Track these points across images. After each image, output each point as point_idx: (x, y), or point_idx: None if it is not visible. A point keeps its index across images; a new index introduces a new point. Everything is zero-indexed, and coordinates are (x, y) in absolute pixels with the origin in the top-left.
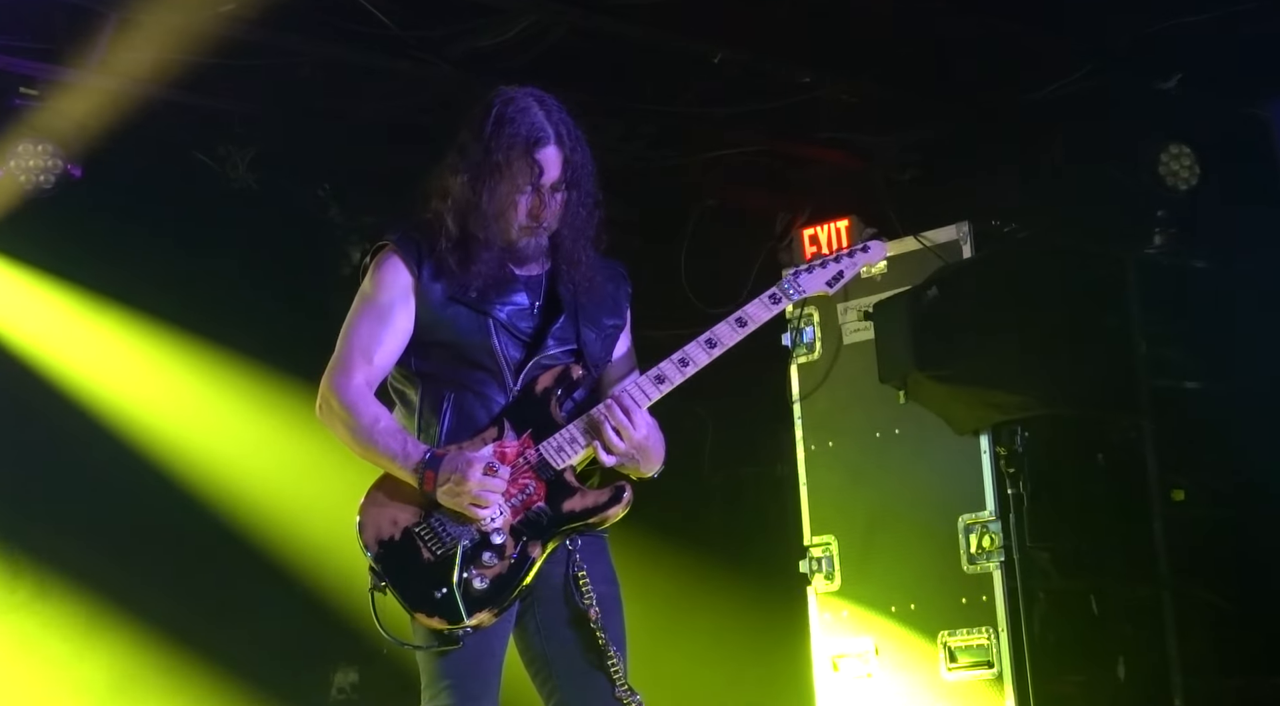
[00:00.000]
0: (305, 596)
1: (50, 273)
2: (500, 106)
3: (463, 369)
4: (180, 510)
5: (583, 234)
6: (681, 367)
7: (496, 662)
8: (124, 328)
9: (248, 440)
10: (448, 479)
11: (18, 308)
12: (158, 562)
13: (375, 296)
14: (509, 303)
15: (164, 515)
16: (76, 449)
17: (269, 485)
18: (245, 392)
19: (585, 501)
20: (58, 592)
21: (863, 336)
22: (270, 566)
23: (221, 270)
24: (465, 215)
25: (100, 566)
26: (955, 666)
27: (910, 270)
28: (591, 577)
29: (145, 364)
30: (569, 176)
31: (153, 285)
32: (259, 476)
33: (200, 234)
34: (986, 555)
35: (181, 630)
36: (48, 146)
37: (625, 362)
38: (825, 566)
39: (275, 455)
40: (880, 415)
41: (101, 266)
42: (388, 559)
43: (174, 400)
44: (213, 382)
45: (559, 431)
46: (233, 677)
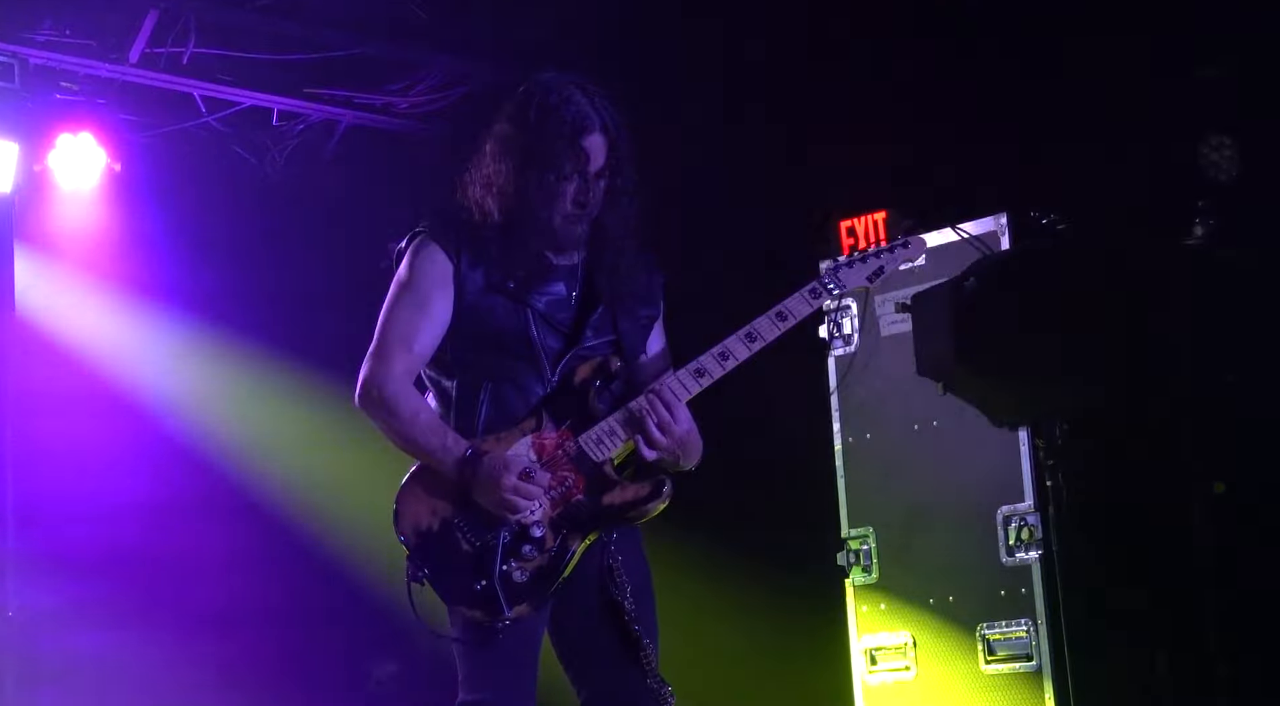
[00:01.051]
0: (345, 587)
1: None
2: (542, 94)
3: (500, 358)
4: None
5: (625, 222)
6: (721, 361)
7: (533, 653)
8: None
9: (292, 432)
10: (484, 480)
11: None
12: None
13: (413, 284)
14: (547, 292)
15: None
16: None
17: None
18: (286, 385)
19: (625, 495)
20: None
21: (901, 328)
22: (310, 557)
23: (257, 263)
24: (509, 203)
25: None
26: (994, 659)
27: (948, 262)
28: (625, 568)
29: (184, 358)
30: (613, 164)
31: (192, 277)
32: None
33: (238, 227)
34: (1025, 547)
35: (220, 619)
36: (88, 141)
37: (660, 354)
38: (863, 559)
39: (318, 447)
40: (918, 407)
41: (140, 260)
42: (426, 550)
43: (217, 392)
44: (253, 374)
45: (598, 424)
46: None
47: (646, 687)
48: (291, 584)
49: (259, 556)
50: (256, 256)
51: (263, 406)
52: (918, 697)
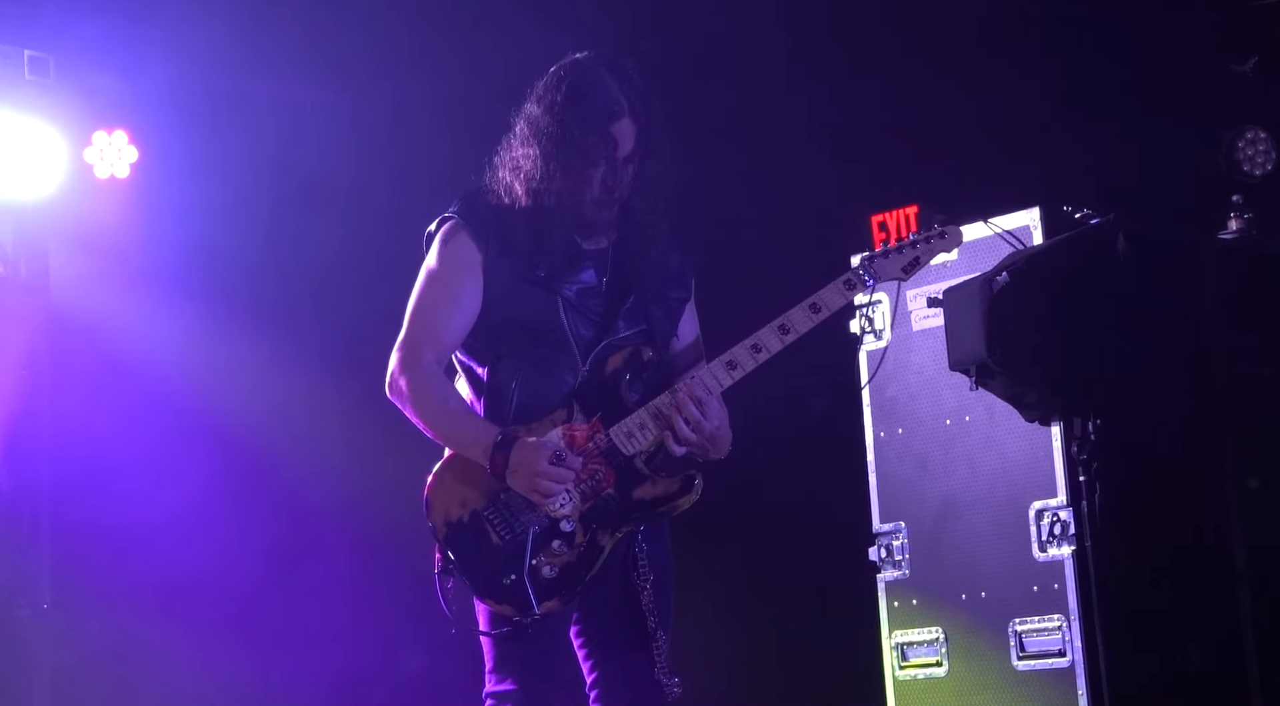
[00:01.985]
0: (373, 578)
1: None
2: (573, 77)
3: (531, 347)
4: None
5: (655, 205)
6: (754, 353)
7: (562, 647)
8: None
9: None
10: (517, 463)
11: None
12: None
13: (442, 273)
14: (577, 280)
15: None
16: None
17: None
18: (318, 381)
19: (656, 490)
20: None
21: (932, 323)
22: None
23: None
24: (537, 188)
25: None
26: (1026, 656)
27: (980, 256)
28: (650, 558)
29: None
30: (642, 148)
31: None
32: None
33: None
34: (1058, 542)
35: (252, 613)
36: (122, 133)
37: (691, 336)
38: (894, 554)
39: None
40: (950, 402)
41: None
42: (456, 541)
43: (244, 388)
44: (288, 364)
45: (629, 416)
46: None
47: (654, 677)
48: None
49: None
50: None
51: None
52: (949, 694)
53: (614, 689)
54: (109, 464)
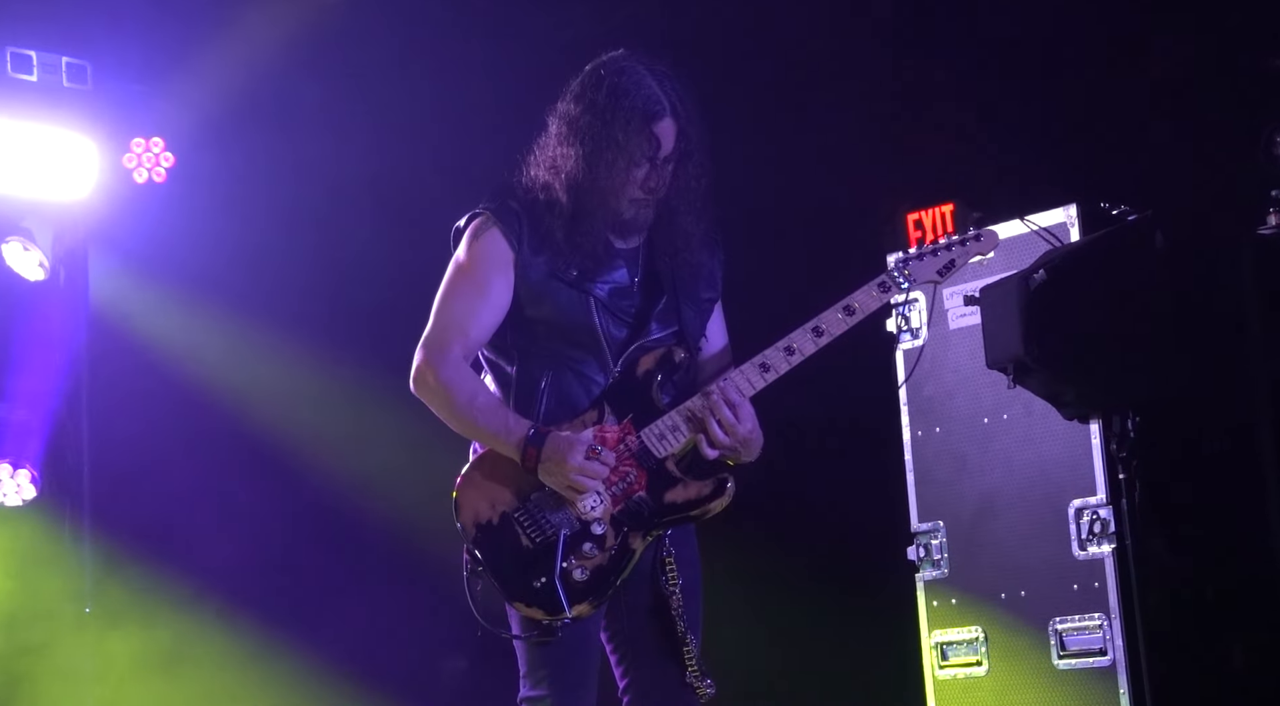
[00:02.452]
0: (414, 582)
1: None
2: (612, 77)
3: (562, 346)
4: (291, 496)
5: (692, 204)
6: (788, 356)
7: (594, 651)
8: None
9: (354, 429)
10: (550, 457)
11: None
12: (268, 548)
13: (472, 269)
14: (609, 280)
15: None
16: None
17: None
18: (352, 382)
19: (688, 493)
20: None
21: (969, 321)
22: (379, 552)
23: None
24: (575, 188)
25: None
26: (1067, 654)
27: (1017, 254)
28: (677, 561)
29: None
30: (682, 147)
31: (261, 277)
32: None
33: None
34: (1098, 540)
35: (290, 615)
36: (159, 140)
37: (719, 339)
38: (933, 553)
39: (383, 441)
40: (987, 400)
41: (211, 258)
42: (486, 543)
43: (280, 390)
44: (319, 372)
45: (660, 418)
46: (342, 663)
47: (685, 681)
48: (360, 577)
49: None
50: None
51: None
52: (989, 693)
53: (646, 694)
54: (148, 466)
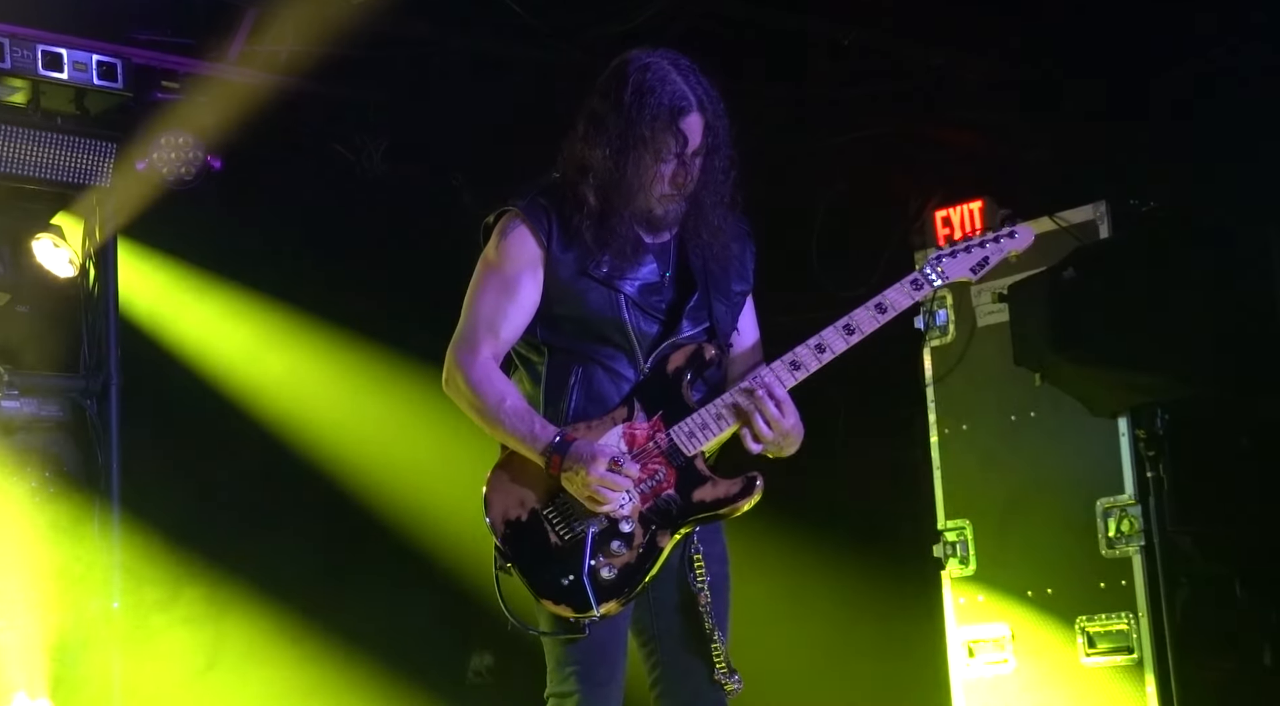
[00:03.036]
0: (443, 579)
1: (190, 262)
2: (638, 74)
3: (592, 343)
4: (320, 493)
5: (721, 197)
6: (819, 354)
7: (622, 647)
8: (264, 316)
9: (384, 425)
10: (573, 466)
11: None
12: (298, 545)
13: (501, 267)
14: (638, 276)
15: (304, 499)
16: (215, 433)
17: (410, 468)
18: (381, 380)
19: (716, 492)
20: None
21: (998, 318)
22: (409, 549)
23: (356, 259)
24: (604, 185)
25: (240, 548)
26: (1094, 652)
27: (1046, 251)
28: (706, 559)
29: (282, 351)
30: (709, 142)
31: (290, 274)
32: (399, 459)
33: (335, 223)
34: (1126, 539)
35: (321, 611)
36: (188, 139)
37: (751, 333)
38: (960, 551)
39: (413, 439)
40: (1015, 398)
41: (240, 255)
42: (515, 541)
43: (311, 387)
44: (348, 370)
45: (691, 416)
46: (371, 659)
47: (714, 679)
48: (389, 575)
49: (356, 548)
50: (354, 251)
51: (358, 398)
52: (1016, 690)
53: (674, 691)
54: (177, 461)
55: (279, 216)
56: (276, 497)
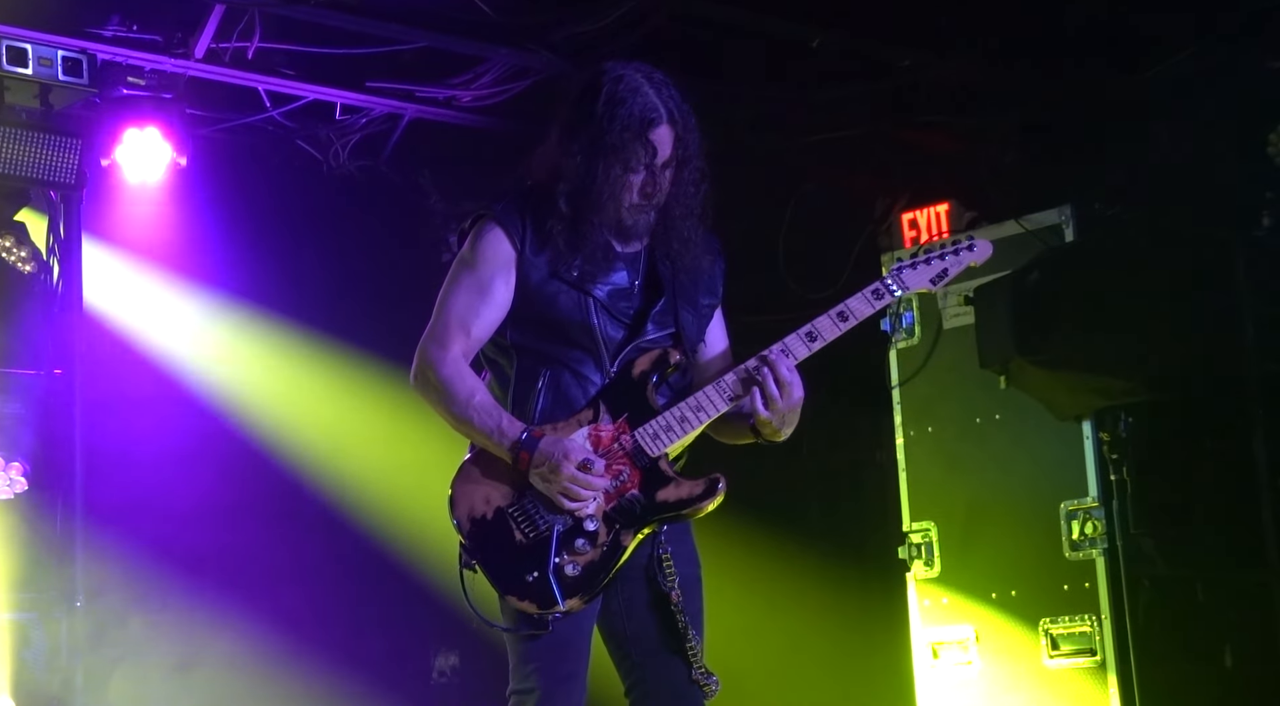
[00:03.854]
0: (408, 578)
1: (154, 259)
2: (610, 84)
3: (560, 346)
4: (283, 494)
5: (691, 210)
6: (809, 342)
7: (585, 646)
8: (228, 314)
9: (348, 424)
10: (543, 463)
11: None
12: (260, 543)
13: (476, 267)
14: (609, 282)
15: (266, 498)
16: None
17: (374, 467)
18: (345, 377)
19: (680, 492)
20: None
21: (963, 321)
22: (374, 548)
23: (323, 256)
24: (575, 193)
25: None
26: (1057, 654)
27: (1012, 254)
28: (675, 559)
29: (246, 348)
30: (680, 153)
31: (255, 271)
32: (360, 460)
33: (301, 221)
34: (1089, 542)
35: (284, 610)
36: (154, 135)
37: (720, 344)
38: (925, 553)
39: (377, 437)
40: (981, 400)
41: (205, 252)
42: (480, 538)
43: (276, 385)
44: (312, 367)
45: (655, 418)
46: (336, 658)
47: (691, 678)
48: (354, 574)
49: (321, 548)
50: (320, 250)
51: (322, 399)
52: (980, 691)
53: (652, 691)
54: (140, 460)
55: (244, 214)
56: (239, 495)
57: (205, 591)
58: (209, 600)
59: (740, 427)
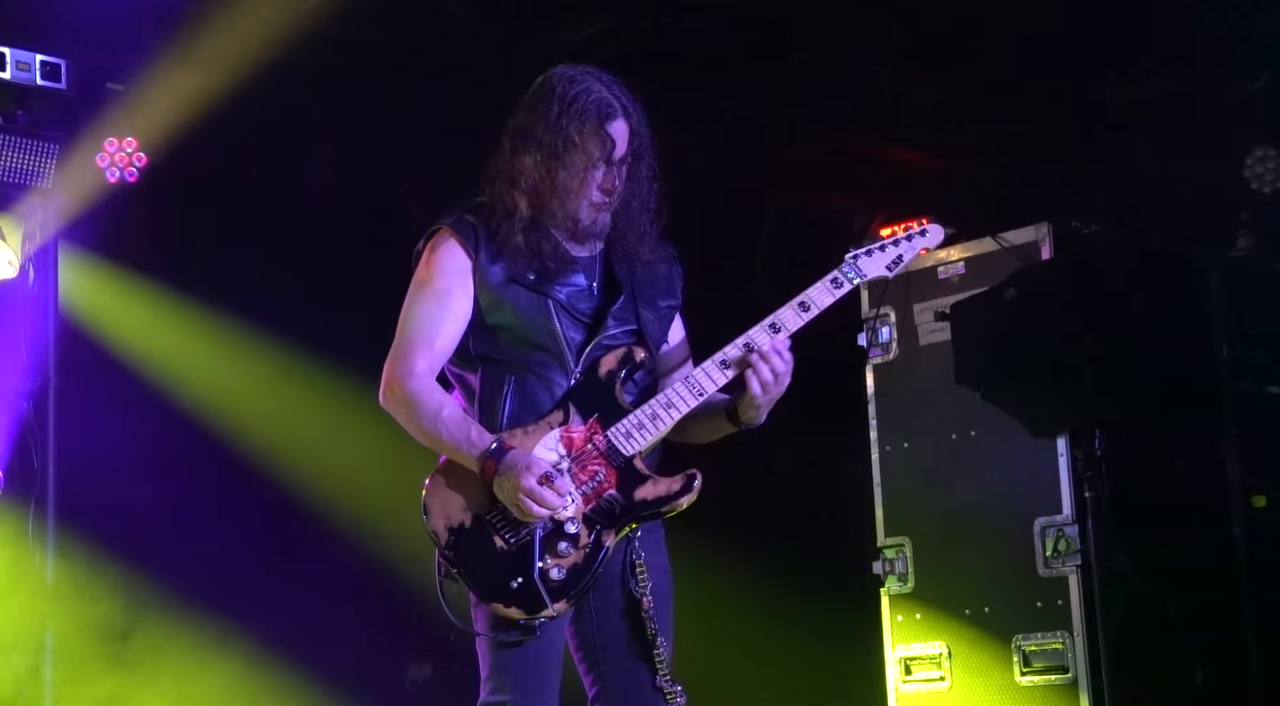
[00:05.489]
0: (381, 588)
1: (131, 265)
2: (563, 85)
3: (523, 350)
4: (257, 503)
5: (646, 205)
6: (748, 353)
7: (556, 657)
8: (206, 320)
9: (323, 432)
10: (505, 473)
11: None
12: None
13: (433, 280)
14: (568, 283)
15: (240, 507)
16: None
17: (348, 476)
18: (320, 387)
19: (658, 490)
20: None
21: (939, 337)
22: (346, 558)
23: (301, 264)
24: (537, 195)
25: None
26: (1029, 671)
27: (989, 271)
28: (648, 567)
29: (222, 357)
30: (635, 149)
31: (232, 279)
32: (338, 467)
33: (280, 229)
34: (1063, 559)
35: (257, 623)
36: (132, 141)
37: (680, 347)
38: (899, 568)
39: (352, 446)
40: (956, 416)
41: (182, 259)
42: (459, 547)
43: (248, 393)
44: (287, 376)
45: (627, 417)
46: (307, 670)
47: (656, 686)
48: (326, 584)
49: (293, 557)
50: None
51: (299, 404)
52: None
53: (616, 698)
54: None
55: (222, 221)
56: (213, 503)
57: (176, 599)
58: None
59: (713, 421)
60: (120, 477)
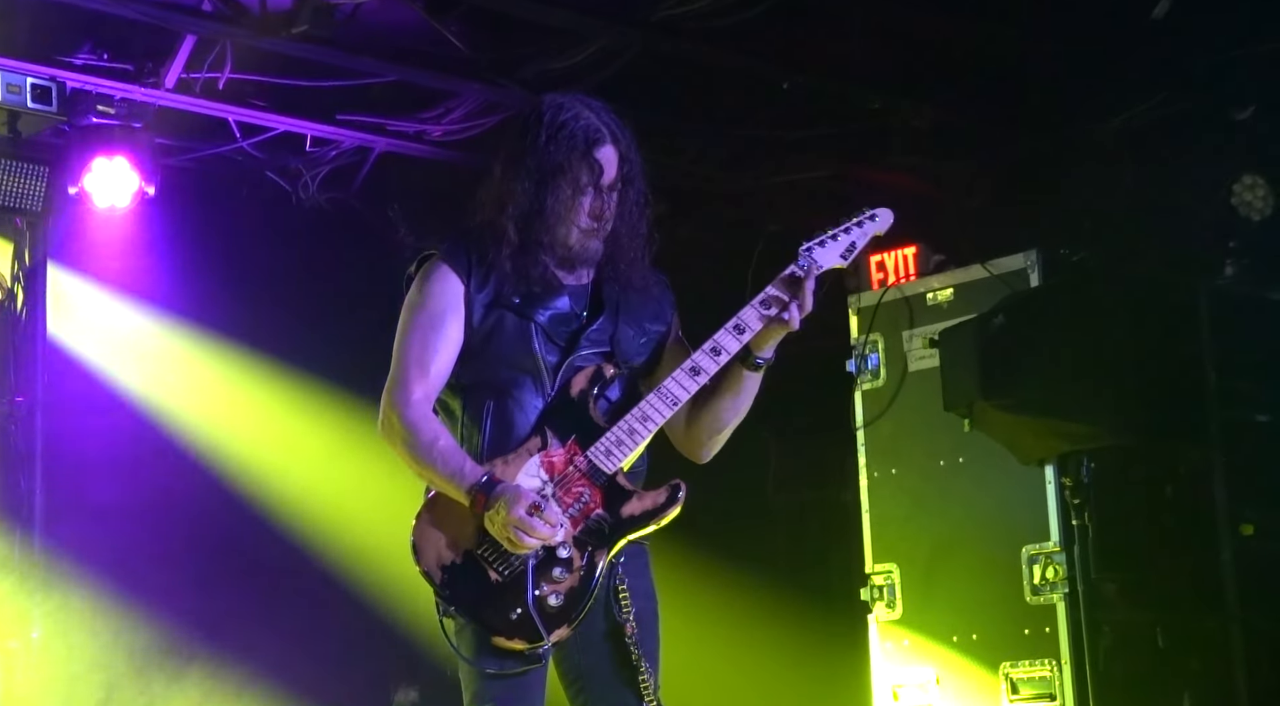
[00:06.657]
0: (367, 615)
1: (120, 288)
2: (551, 112)
3: (504, 373)
4: (244, 527)
5: (636, 232)
6: (714, 356)
7: (541, 684)
8: (194, 345)
9: (311, 457)
10: (494, 505)
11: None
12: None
13: (426, 306)
14: (551, 307)
15: (227, 532)
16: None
17: (333, 504)
18: (311, 411)
19: (644, 504)
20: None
21: (928, 363)
22: (333, 585)
23: (291, 289)
24: (528, 221)
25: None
26: (1017, 698)
27: (977, 298)
28: (632, 592)
29: (214, 381)
30: (624, 174)
31: (223, 302)
32: (323, 495)
33: (270, 253)
34: (1051, 586)
35: (244, 649)
36: (123, 164)
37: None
38: (887, 594)
39: (340, 471)
40: (944, 443)
41: (173, 283)
42: (454, 585)
43: (241, 417)
44: (279, 400)
45: (604, 435)
46: (295, 697)
47: None
48: (313, 609)
49: (281, 582)
50: (288, 282)
51: (286, 429)
52: None
53: None
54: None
55: (213, 245)
56: (199, 527)
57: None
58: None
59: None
60: (105, 500)
